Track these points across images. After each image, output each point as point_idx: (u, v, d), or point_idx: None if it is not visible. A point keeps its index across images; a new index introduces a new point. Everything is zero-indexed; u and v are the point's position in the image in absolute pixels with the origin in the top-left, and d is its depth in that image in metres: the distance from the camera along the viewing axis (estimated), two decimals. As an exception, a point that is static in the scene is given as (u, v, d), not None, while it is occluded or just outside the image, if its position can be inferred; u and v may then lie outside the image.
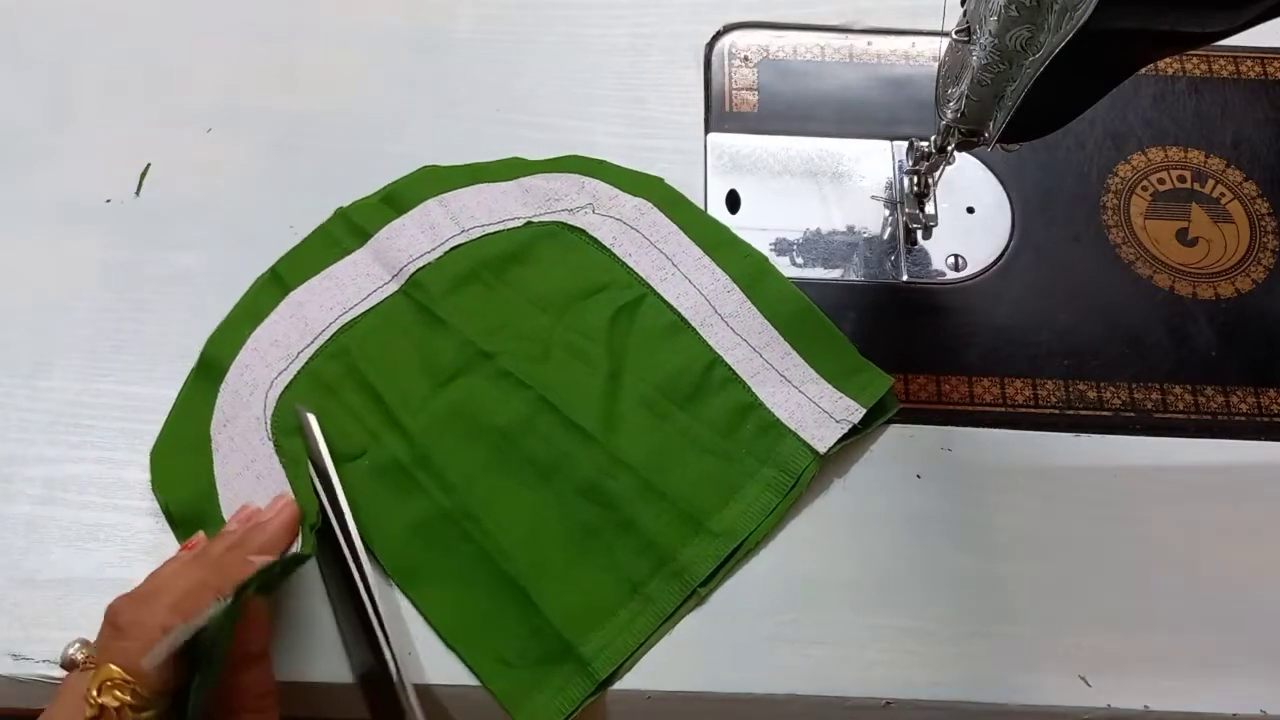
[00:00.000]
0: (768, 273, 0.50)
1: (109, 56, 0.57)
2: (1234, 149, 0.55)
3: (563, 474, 0.46)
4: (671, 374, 0.48)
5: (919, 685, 0.43)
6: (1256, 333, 0.51)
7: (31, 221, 0.52)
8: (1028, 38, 0.37)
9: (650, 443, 0.47)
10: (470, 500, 0.45)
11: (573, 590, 0.44)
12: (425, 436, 0.46)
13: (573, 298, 0.50)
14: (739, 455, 0.47)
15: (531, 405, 0.47)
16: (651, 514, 0.45)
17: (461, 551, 0.45)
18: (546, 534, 0.45)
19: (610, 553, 0.45)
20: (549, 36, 0.58)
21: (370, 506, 0.45)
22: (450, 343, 0.48)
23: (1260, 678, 0.43)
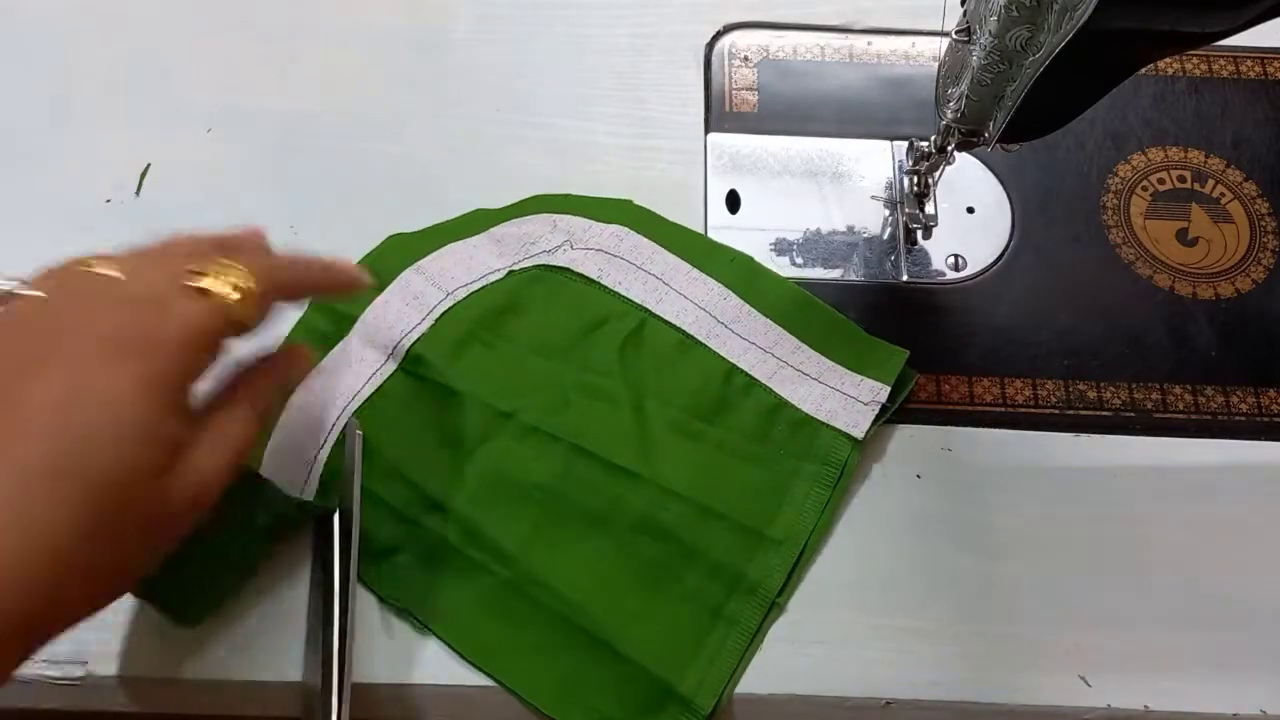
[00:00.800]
0: (758, 272, 0.50)
1: (109, 56, 0.57)
2: (1234, 149, 0.55)
3: (615, 517, 0.44)
4: (693, 392, 0.47)
5: (919, 685, 0.43)
6: (1256, 333, 0.51)
7: (31, 221, 0.52)
8: (1028, 38, 0.37)
9: (691, 465, 0.45)
10: (530, 565, 0.44)
11: (654, 630, 0.43)
12: (469, 511, 0.44)
13: (575, 338, 0.48)
14: (778, 457, 0.46)
15: (566, 455, 0.45)
16: (711, 536, 0.44)
17: (535, 619, 0.43)
18: (613, 580, 0.44)
19: (680, 583, 0.44)
20: (549, 36, 0.58)
21: (428, 596, 0.43)
22: (467, 411, 0.46)
23: (1260, 678, 0.43)
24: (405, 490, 0.45)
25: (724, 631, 0.43)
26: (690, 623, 0.43)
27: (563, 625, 0.43)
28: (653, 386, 0.47)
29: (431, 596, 0.44)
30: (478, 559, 0.44)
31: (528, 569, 0.44)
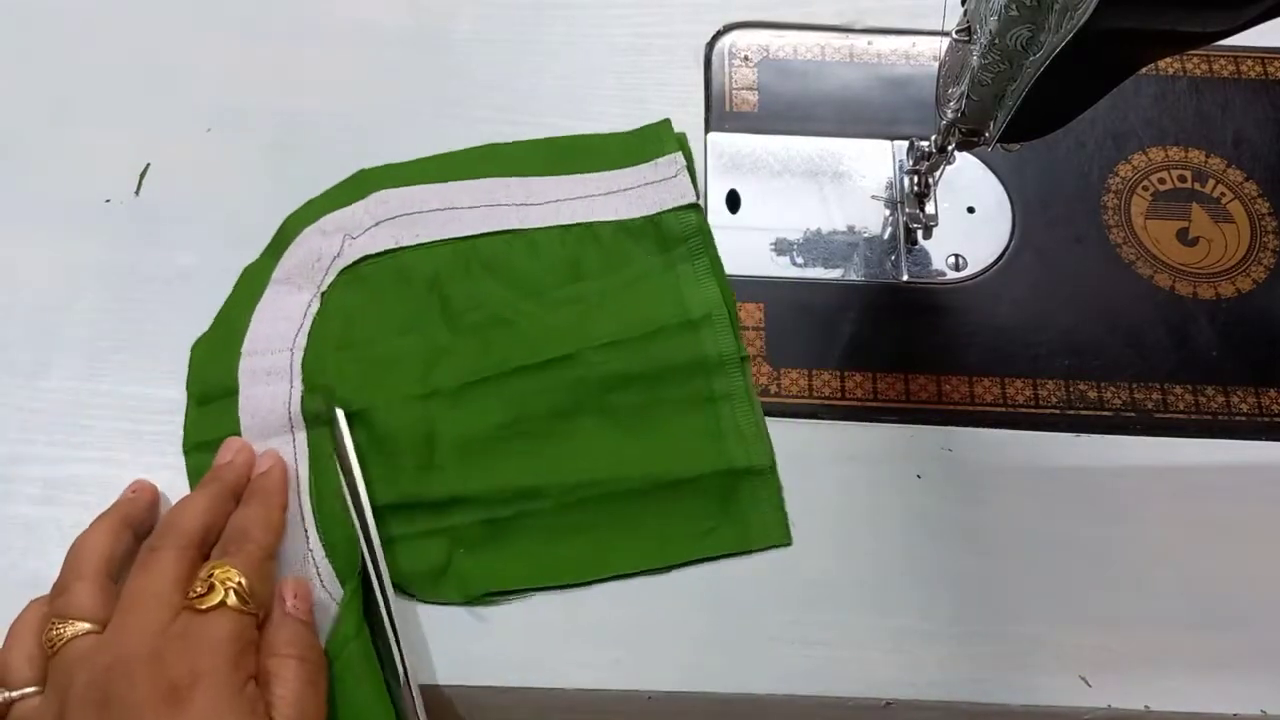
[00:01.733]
0: (497, 149, 0.53)
1: (109, 56, 0.57)
2: (1234, 149, 0.55)
3: (581, 396, 0.47)
4: (551, 269, 0.50)
5: (919, 685, 0.43)
6: (1257, 333, 0.51)
7: (31, 221, 0.52)
8: (1028, 37, 0.37)
9: (607, 316, 0.48)
10: (544, 482, 0.45)
11: (677, 446, 0.46)
12: (466, 487, 0.45)
13: (422, 302, 0.49)
14: (650, 262, 0.50)
15: (501, 386, 0.47)
16: (662, 352, 0.48)
17: (585, 520, 0.45)
18: (616, 440, 0.46)
19: (667, 401, 0.47)
20: (549, 36, 0.58)
21: (479, 573, 0.44)
22: (392, 419, 0.47)
23: (1260, 678, 0.43)
24: (397, 516, 0.45)
25: (727, 406, 0.47)
26: (698, 421, 0.47)
27: (610, 503, 0.45)
28: (518, 288, 0.49)
29: (482, 573, 0.44)
30: (502, 514, 0.45)
31: (545, 487, 0.45)
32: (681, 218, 0.51)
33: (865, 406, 0.49)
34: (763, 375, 0.49)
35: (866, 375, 0.49)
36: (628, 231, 0.51)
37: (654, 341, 0.48)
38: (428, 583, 0.44)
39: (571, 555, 0.44)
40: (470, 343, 0.48)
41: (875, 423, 0.48)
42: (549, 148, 0.53)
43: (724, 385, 0.47)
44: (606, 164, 0.52)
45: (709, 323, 0.48)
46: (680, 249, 0.50)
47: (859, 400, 0.49)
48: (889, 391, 0.49)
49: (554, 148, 0.53)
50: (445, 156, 0.52)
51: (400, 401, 0.46)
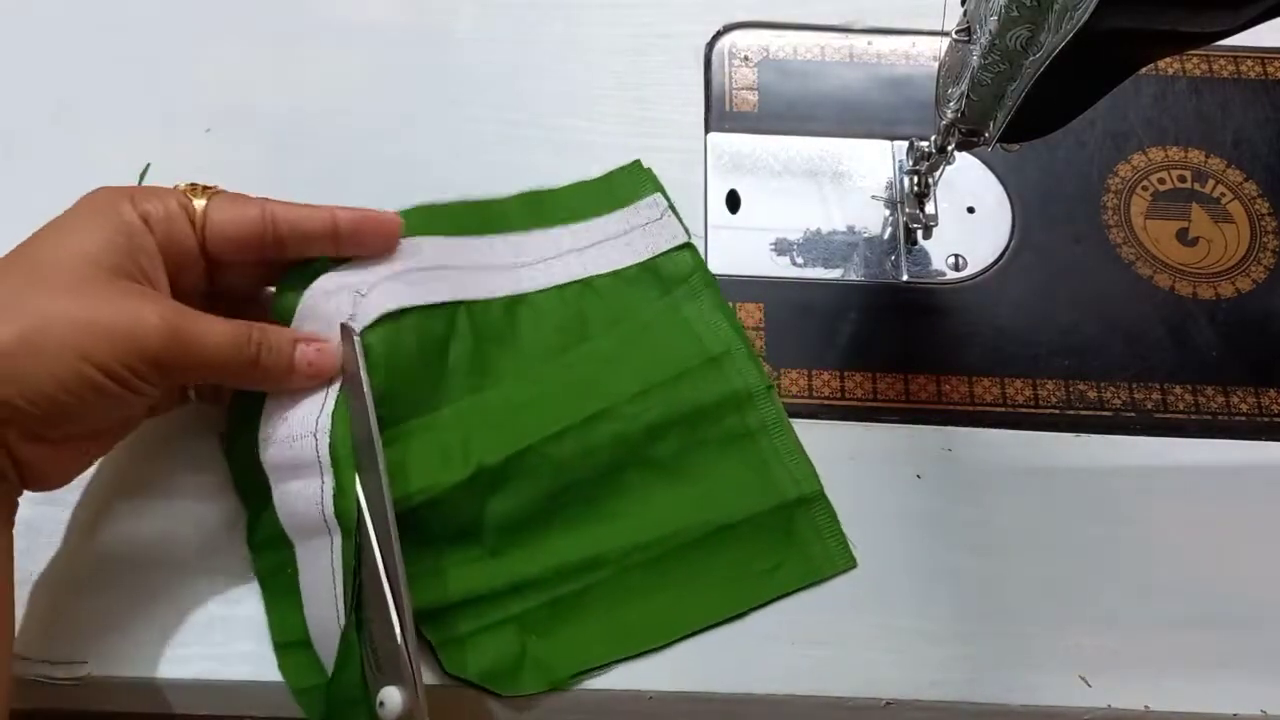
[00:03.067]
0: (472, 205, 0.50)
1: (109, 56, 0.57)
2: (1234, 149, 0.55)
3: (619, 450, 0.46)
4: (558, 329, 0.48)
5: (919, 685, 0.43)
6: (1257, 333, 0.51)
7: (31, 221, 0.52)
8: (1028, 37, 0.37)
9: (625, 366, 0.47)
10: (605, 547, 0.44)
11: (725, 487, 0.46)
12: (527, 569, 0.44)
13: (437, 373, 0.46)
14: (654, 309, 0.49)
15: (540, 453, 0.45)
16: (687, 392, 0.47)
17: (649, 580, 0.44)
18: (662, 491, 0.46)
19: (707, 437, 0.47)
20: (549, 36, 0.58)
21: (557, 655, 0.43)
22: (437, 514, 0.43)
23: (1260, 678, 0.43)
24: (461, 612, 0.43)
25: (765, 438, 0.47)
26: (741, 458, 0.46)
27: (672, 559, 0.44)
28: (528, 356, 0.47)
29: (561, 655, 0.43)
30: (567, 590, 0.44)
31: (604, 554, 0.44)
32: (676, 259, 0.50)
33: (865, 406, 0.49)
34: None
35: (866, 375, 0.49)
36: (626, 281, 0.49)
37: (682, 384, 0.46)
38: (507, 678, 0.42)
39: (645, 619, 0.43)
40: (499, 414, 0.45)
41: (875, 423, 0.48)
42: (526, 201, 0.51)
43: (757, 417, 0.47)
44: (586, 213, 0.51)
45: (729, 357, 0.47)
46: (681, 289, 0.49)
47: (859, 400, 0.49)
48: (889, 391, 0.49)
49: (531, 201, 0.51)
50: (425, 209, 0.48)
51: (447, 490, 0.43)
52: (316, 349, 0.41)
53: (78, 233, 0.38)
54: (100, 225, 0.38)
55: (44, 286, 0.36)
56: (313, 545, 0.41)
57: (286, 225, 0.41)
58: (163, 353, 0.36)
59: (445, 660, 0.42)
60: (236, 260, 0.41)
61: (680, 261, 0.50)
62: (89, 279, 0.36)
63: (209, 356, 0.38)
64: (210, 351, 0.38)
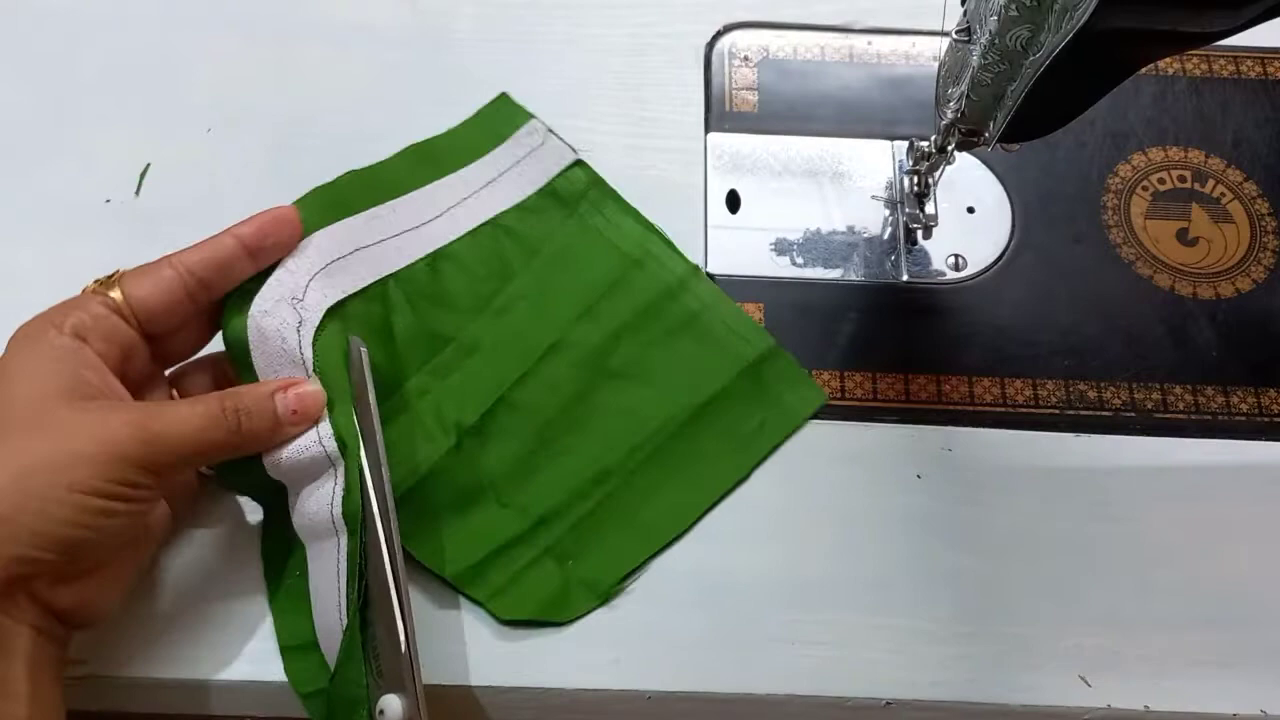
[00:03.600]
0: (359, 173, 0.50)
1: (109, 56, 0.57)
2: (1234, 149, 0.55)
3: (585, 367, 0.48)
4: (479, 277, 0.50)
5: (919, 685, 0.43)
6: (1257, 333, 0.51)
7: (31, 221, 0.52)
8: (1028, 38, 0.37)
9: (557, 300, 0.50)
10: (598, 456, 0.47)
11: (697, 370, 0.49)
12: (543, 503, 0.46)
13: (390, 355, 0.47)
14: (556, 232, 0.51)
15: (515, 392, 0.48)
16: (627, 296, 0.50)
17: (653, 474, 0.47)
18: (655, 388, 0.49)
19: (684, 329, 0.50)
20: (549, 36, 0.58)
21: (589, 566, 0.45)
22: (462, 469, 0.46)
23: (1260, 678, 0.43)
24: (495, 564, 0.44)
25: (710, 314, 0.50)
26: (694, 340, 0.49)
27: (669, 449, 0.47)
28: (461, 308, 0.49)
29: (601, 569, 0.45)
30: (585, 510, 0.46)
31: (606, 467, 0.46)
32: (571, 178, 0.52)
33: (865, 406, 0.49)
34: (763, 375, 0.49)
35: (866, 375, 0.49)
36: (530, 211, 0.51)
37: (616, 294, 0.49)
38: (559, 606, 0.44)
39: (661, 511, 0.46)
40: (459, 378, 0.47)
41: (875, 423, 0.48)
42: (411, 157, 0.52)
43: (695, 299, 0.50)
44: (471, 155, 0.52)
45: (650, 255, 0.50)
46: (584, 204, 0.51)
47: (859, 400, 0.49)
48: (889, 391, 0.49)
49: (416, 155, 0.52)
50: (318, 192, 0.47)
51: (440, 462, 0.45)
52: (296, 395, 0.40)
53: (21, 377, 0.37)
54: (38, 361, 0.37)
55: (8, 438, 0.36)
56: (322, 547, 0.41)
57: (201, 267, 0.41)
58: (143, 456, 0.36)
59: (498, 611, 0.43)
60: (176, 326, 0.41)
61: (575, 179, 0.52)
62: (48, 414, 0.36)
63: (189, 442, 0.37)
64: (189, 436, 0.37)
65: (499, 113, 0.54)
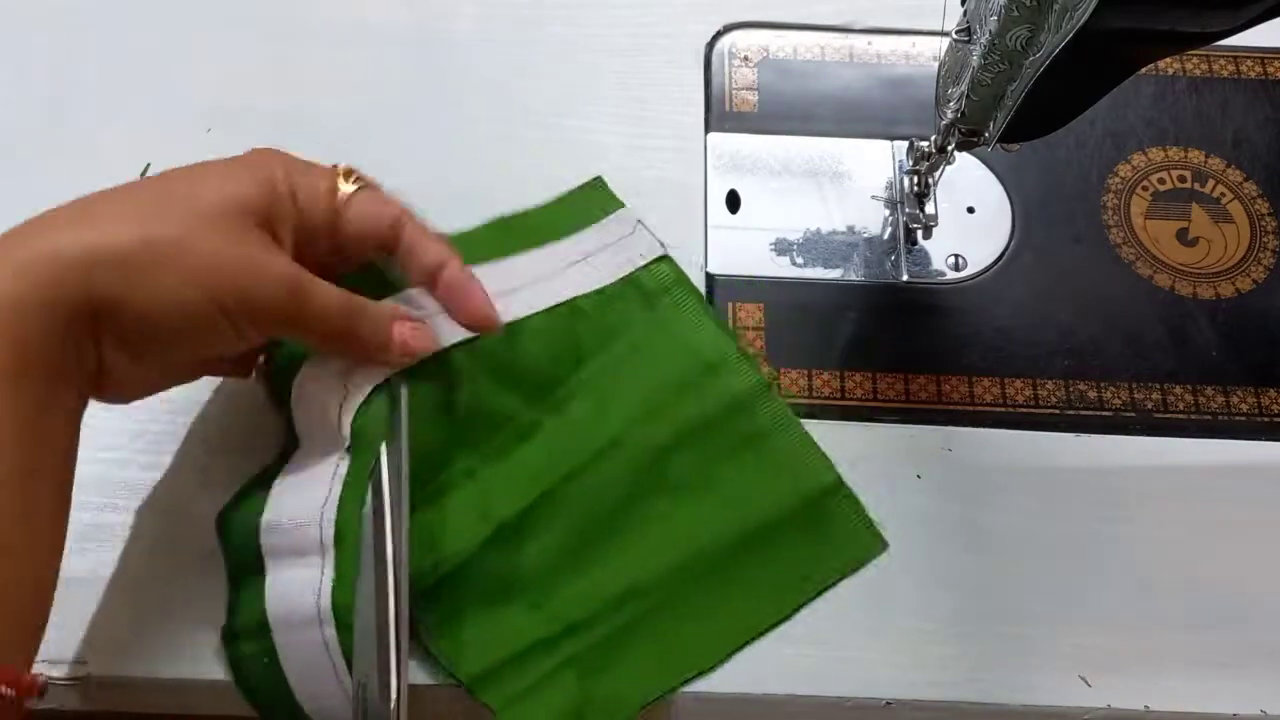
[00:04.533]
0: (468, 236, 0.50)
1: (109, 56, 0.57)
2: (1234, 149, 0.55)
3: (637, 482, 0.45)
4: (547, 358, 0.47)
5: (919, 685, 0.43)
6: (1257, 333, 0.51)
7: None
8: (1028, 38, 0.37)
9: (622, 394, 0.47)
10: (646, 574, 0.44)
11: (755, 492, 0.46)
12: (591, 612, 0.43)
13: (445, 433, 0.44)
14: (638, 326, 0.48)
15: (564, 489, 0.45)
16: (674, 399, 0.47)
17: (694, 599, 0.44)
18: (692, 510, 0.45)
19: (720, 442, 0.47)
20: (549, 36, 0.58)
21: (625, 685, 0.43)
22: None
23: (1260, 678, 0.43)
24: (516, 669, 0.42)
25: (777, 435, 0.46)
26: (757, 459, 0.46)
27: (713, 573, 0.44)
28: (527, 388, 0.46)
29: (625, 690, 0.42)
30: (616, 624, 0.43)
31: (644, 581, 0.43)
32: (656, 272, 0.49)
33: (865, 406, 0.49)
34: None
35: (866, 375, 0.49)
36: (610, 298, 0.48)
37: (684, 398, 0.46)
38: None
39: (695, 638, 0.43)
40: (508, 465, 0.44)
41: (875, 423, 0.48)
42: (495, 229, 0.50)
43: (765, 416, 0.46)
44: (557, 234, 0.50)
45: (725, 362, 0.47)
46: (665, 300, 0.48)
47: (859, 400, 0.49)
48: (889, 391, 0.49)
49: (500, 228, 0.50)
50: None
51: (473, 555, 0.42)
52: (413, 328, 0.41)
53: (230, 178, 0.38)
54: (252, 179, 0.38)
55: (183, 206, 0.36)
56: (300, 637, 0.39)
57: (406, 242, 0.41)
58: (280, 304, 0.37)
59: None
60: (356, 252, 0.42)
61: (660, 274, 0.49)
62: (229, 217, 0.36)
63: (319, 317, 0.39)
64: (321, 312, 0.38)
65: (592, 196, 0.52)
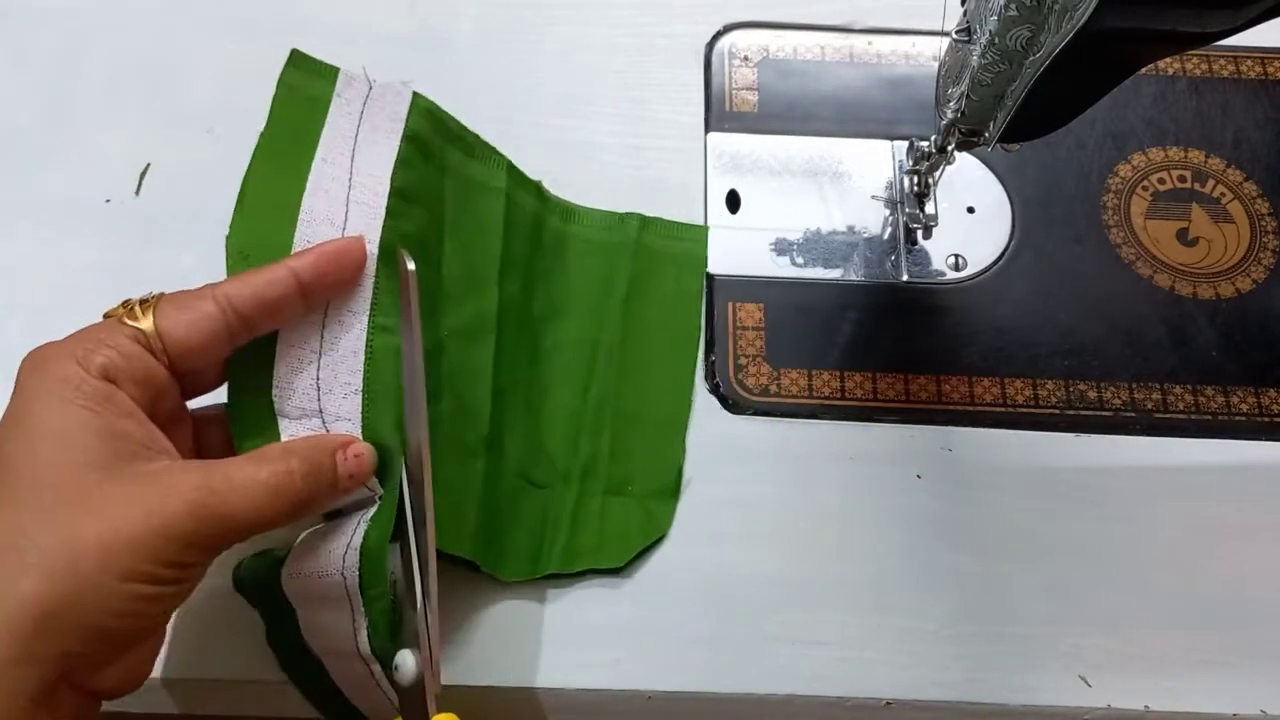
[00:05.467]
0: None
1: (109, 56, 0.57)
2: (1234, 149, 0.55)
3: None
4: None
5: (919, 685, 0.43)
6: (1257, 333, 0.51)
7: (31, 221, 0.52)
8: (1028, 38, 0.37)
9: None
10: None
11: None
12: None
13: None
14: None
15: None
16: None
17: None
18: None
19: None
20: (549, 36, 0.58)
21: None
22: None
23: (1260, 678, 0.43)
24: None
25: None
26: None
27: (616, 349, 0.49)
28: (427, 310, 0.42)
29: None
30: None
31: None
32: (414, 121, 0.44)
33: (865, 406, 0.49)
34: (763, 375, 0.49)
35: (866, 375, 0.49)
36: (410, 167, 0.43)
37: (511, 238, 0.47)
38: (652, 525, 0.46)
39: (664, 398, 0.48)
40: (455, 387, 0.43)
41: (875, 423, 0.48)
42: (265, 170, 0.43)
43: (555, 216, 0.52)
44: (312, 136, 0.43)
45: (514, 185, 0.49)
46: (437, 148, 0.45)
47: (859, 400, 0.49)
48: (889, 391, 0.49)
49: (268, 166, 0.43)
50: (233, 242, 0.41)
51: (484, 486, 0.43)
52: (355, 455, 0.36)
53: (50, 435, 0.32)
54: (66, 412, 0.32)
55: (48, 518, 0.31)
56: (346, 665, 0.38)
57: (248, 305, 0.36)
58: (201, 533, 0.32)
59: (611, 563, 0.45)
60: (208, 365, 0.37)
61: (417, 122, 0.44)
62: (90, 487, 0.32)
63: (252, 516, 0.33)
64: (252, 511, 0.33)
65: (301, 76, 0.44)
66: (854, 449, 0.48)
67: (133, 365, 0.34)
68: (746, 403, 0.49)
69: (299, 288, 0.37)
